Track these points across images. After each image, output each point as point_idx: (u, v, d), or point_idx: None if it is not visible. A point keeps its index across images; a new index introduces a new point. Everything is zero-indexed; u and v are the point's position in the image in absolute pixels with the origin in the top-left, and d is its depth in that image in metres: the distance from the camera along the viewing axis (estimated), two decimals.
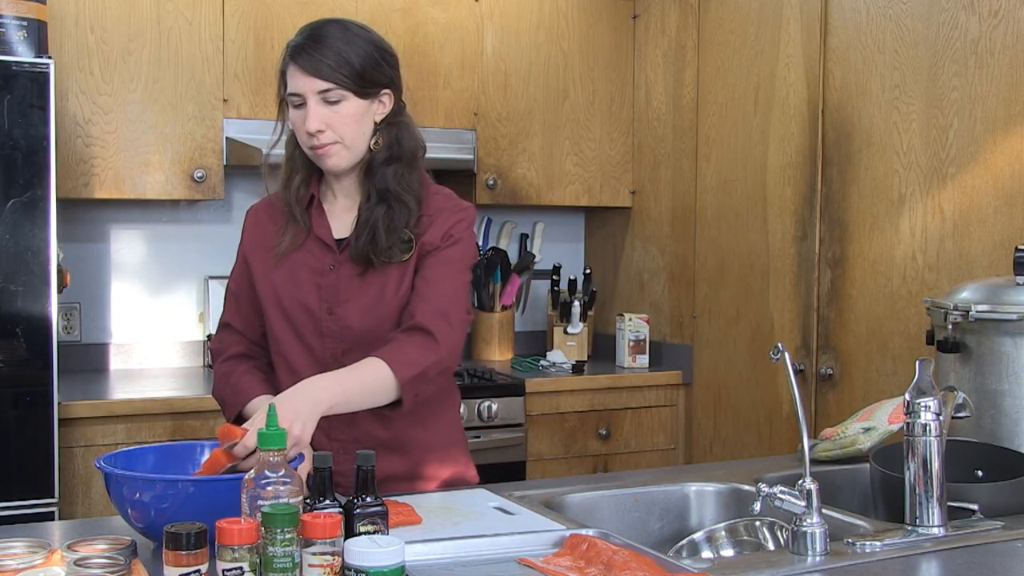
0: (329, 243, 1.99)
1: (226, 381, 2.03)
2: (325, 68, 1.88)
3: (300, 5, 3.42)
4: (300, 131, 1.93)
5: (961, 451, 1.95)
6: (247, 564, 1.30)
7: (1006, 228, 2.61)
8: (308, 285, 1.98)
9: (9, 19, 2.82)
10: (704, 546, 1.89)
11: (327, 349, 1.97)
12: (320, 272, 1.98)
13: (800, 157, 3.23)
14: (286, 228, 2.00)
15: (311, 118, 1.89)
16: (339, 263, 1.97)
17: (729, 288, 3.52)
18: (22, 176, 2.75)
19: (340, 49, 1.89)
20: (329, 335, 1.97)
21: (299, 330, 1.99)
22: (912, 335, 2.83)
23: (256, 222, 2.09)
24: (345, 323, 1.96)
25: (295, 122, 1.93)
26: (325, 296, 1.97)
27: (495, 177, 3.76)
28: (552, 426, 3.55)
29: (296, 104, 1.91)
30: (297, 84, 1.90)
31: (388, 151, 1.96)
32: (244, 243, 2.09)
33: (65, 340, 3.45)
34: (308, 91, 1.89)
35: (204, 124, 3.35)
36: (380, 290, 1.95)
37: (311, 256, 1.99)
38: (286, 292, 1.99)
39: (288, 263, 1.99)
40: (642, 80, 3.95)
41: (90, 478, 2.93)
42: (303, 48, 1.90)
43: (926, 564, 1.57)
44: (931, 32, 2.82)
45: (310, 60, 1.88)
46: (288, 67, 1.92)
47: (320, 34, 1.91)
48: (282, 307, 1.99)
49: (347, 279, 1.97)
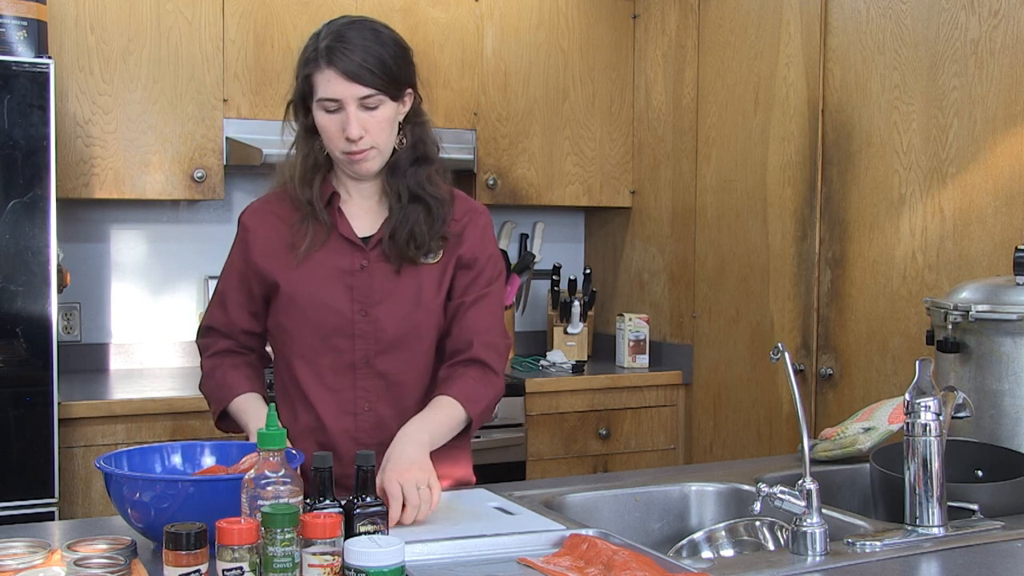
0: (356, 242, 1.95)
1: (212, 376, 2.01)
2: (366, 74, 1.84)
3: (300, 5, 3.42)
4: (335, 136, 1.88)
5: (961, 451, 1.95)
6: (247, 564, 1.30)
7: (1006, 228, 2.61)
8: (337, 285, 1.93)
9: (9, 19, 2.82)
10: (704, 546, 1.89)
11: (358, 351, 1.93)
12: (350, 272, 1.93)
13: (800, 157, 3.23)
14: (304, 227, 1.94)
15: (353, 125, 1.85)
16: (371, 261, 1.94)
17: (729, 288, 3.52)
18: (22, 176, 2.75)
19: (375, 51, 1.85)
20: (362, 336, 1.93)
21: (325, 332, 1.93)
22: (912, 335, 2.83)
23: (264, 222, 2.00)
24: (380, 325, 1.93)
25: (327, 127, 1.88)
26: (358, 297, 1.93)
27: (495, 177, 3.76)
28: (552, 426, 3.55)
29: (331, 109, 1.86)
30: (335, 89, 1.84)
31: (414, 151, 1.96)
32: (250, 246, 1.99)
33: (65, 340, 3.45)
34: (348, 96, 1.84)
35: (204, 124, 3.35)
36: (417, 292, 1.94)
37: (337, 255, 1.94)
38: (309, 293, 1.93)
39: (309, 263, 1.93)
40: (642, 80, 3.95)
41: (90, 478, 2.93)
42: (338, 51, 1.84)
43: (926, 564, 1.57)
44: (931, 32, 2.82)
45: (350, 64, 1.83)
46: (321, 71, 1.85)
47: (352, 36, 1.86)
48: (305, 309, 1.93)
49: (380, 279, 1.94)
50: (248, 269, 1.99)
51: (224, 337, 2.04)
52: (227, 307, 2.03)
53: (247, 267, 1.99)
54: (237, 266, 2.02)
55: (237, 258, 2.02)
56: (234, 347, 2.04)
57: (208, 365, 2.04)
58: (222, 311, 2.04)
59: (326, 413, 1.94)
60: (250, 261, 1.98)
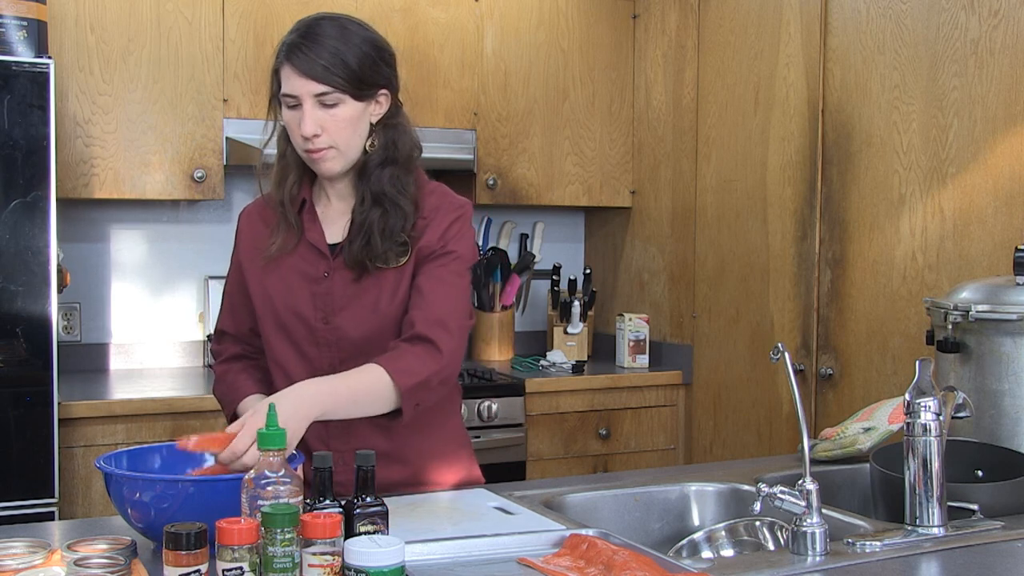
0: (322, 249, 1.92)
1: (223, 380, 2.03)
2: (321, 70, 1.81)
3: (300, 5, 3.42)
4: (295, 133, 1.86)
5: (961, 451, 1.95)
6: (247, 564, 1.30)
7: (1006, 228, 2.61)
8: (302, 293, 1.92)
9: (9, 19, 2.82)
10: (704, 546, 1.89)
11: (324, 359, 1.91)
12: (314, 279, 1.91)
13: (800, 157, 3.23)
14: (277, 230, 1.93)
15: (307, 122, 1.82)
16: (333, 270, 1.91)
17: (729, 288, 3.52)
18: (22, 176, 2.75)
19: (337, 49, 1.82)
20: (326, 344, 1.91)
21: (295, 339, 1.93)
22: (912, 335, 2.83)
23: (249, 224, 2.02)
24: (342, 332, 1.90)
25: (289, 123, 1.87)
26: (320, 304, 1.91)
27: (495, 177, 3.76)
28: (552, 426, 3.55)
29: (291, 105, 1.85)
30: (292, 85, 1.83)
31: (384, 153, 1.90)
32: (239, 247, 2.03)
33: (65, 340, 3.45)
34: (304, 93, 1.82)
35: (204, 124, 3.35)
36: (376, 297, 1.89)
37: (304, 262, 1.93)
38: (280, 300, 1.93)
39: (280, 269, 1.93)
40: (642, 80, 3.95)
41: (90, 478, 2.93)
42: (298, 47, 1.82)
43: (926, 564, 1.57)
44: (931, 32, 2.82)
45: (306, 60, 1.81)
46: (283, 66, 1.84)
47: (316, 32, 1.83)
48: (277, 315, 1.94)
49: (341, 286, 1.90)
50: (239, 271, 2.02)
51: (235, 342, 2.06)
52: (233, 310, 2.05)
53: (238, 270, 2.02)
54: (235, 268, 2.04)
55: (234, 259, 2.05)
56: (245, 351, 2.05)
57: (220, 370, 2.05)
58: (230, 315, 2.06)
59: None
60: (238, 263, 2.02)
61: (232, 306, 2.05)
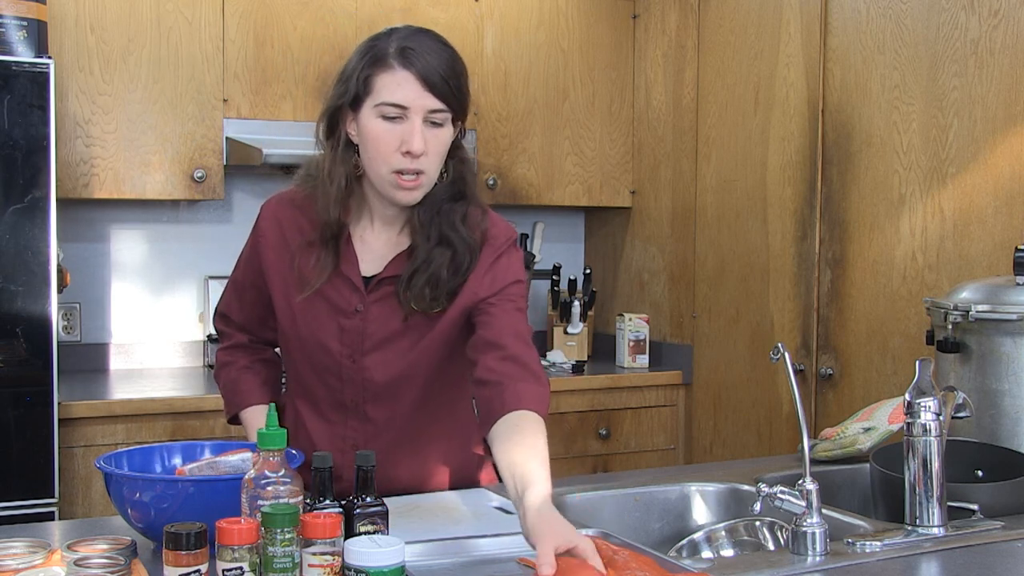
0: (356, 283, 1.78)
1: (227, 371, 1.97)
2: (441, 83, 1.64)
3: (300, 5, 3.42)
4: (388, 150, 1.66)
5: (961, 451, 1.95)
6: (247, 564, 1.30)
7: (1006, 228, 2.61)
8: (330, 325, 1.80)
9: (9, 19, 2.82)
10: (704, 546, 1.89)
11: (347, 393, 1.83)
12: (344, 313, 1.79)
13: (800, 157, 3.23)
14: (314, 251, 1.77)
15: (417, 137, 1.64)
16: (366, 306, 1.78)
17: (729, 288, 3.52)
18: (22, 176, 2.75)
19: (452, 66, 1.67)
20: (350, 381, 1.82)
21: (318, 368, 1.84)
22: (912, 335, 2.83)
23: (276, 226, 1.85)
24: (368, 374, 1.81)
25: (383, 136, 1.66)
26: (347, 341, 1.80)
27: (495, 177, 3.76)
28: (552, 426, 3.50)
29: (391, 116, 1.66)
30: (406, 94, 1.64)
31: (453, 188, 1.75)
32: (261, 247, 1.87)
33: (65, 340, 3.45)
34: (418, 106, 1.64)
35: (204, 124, 3.35)
36: (411, 341, 1.78)
37: (335, 292, 1.79)
38: (306, 326, 1.82)
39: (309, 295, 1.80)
40: (642, 80, 3.95)
41: (90, 478, 2.93)
42: (416, 54, 1.64)
43: (926, 564, 1.57)
44: (931, 32, 2.82)
45: (427, 70, 1.64)
46: (393, 72, 1.65)
47: (428, 43, 1.67)
48: (301, 340, 1.83)
49: (374, 326, 1.78)
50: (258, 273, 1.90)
51: (240, 330, 1.98)
52: (242, 301, 1.95)
53: (257, 272, 1.89)
54: (252, 262, 1.90)
55: (251, 253, 1.90)
56: (250, 341, 1.98)
57: (224, 357, 1.98)
58: (238, 304, 1.96)
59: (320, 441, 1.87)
60: (259, 267, 1.88)
61: (240, 297, 1.95)
